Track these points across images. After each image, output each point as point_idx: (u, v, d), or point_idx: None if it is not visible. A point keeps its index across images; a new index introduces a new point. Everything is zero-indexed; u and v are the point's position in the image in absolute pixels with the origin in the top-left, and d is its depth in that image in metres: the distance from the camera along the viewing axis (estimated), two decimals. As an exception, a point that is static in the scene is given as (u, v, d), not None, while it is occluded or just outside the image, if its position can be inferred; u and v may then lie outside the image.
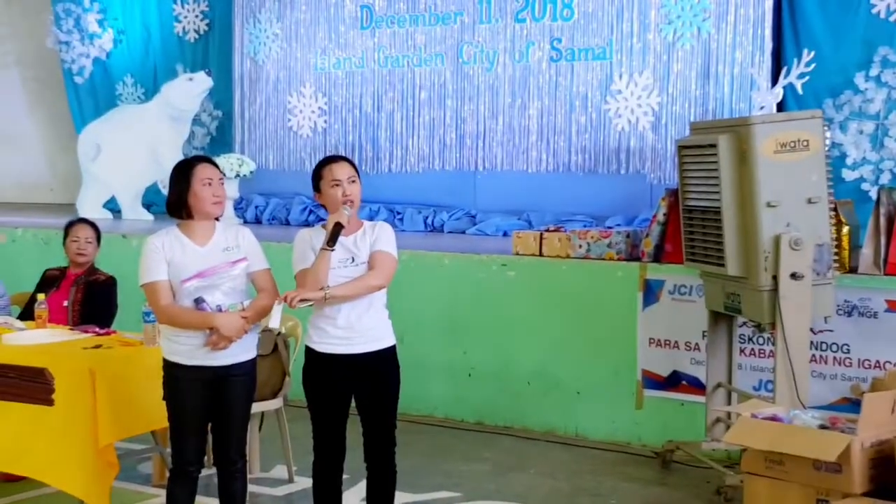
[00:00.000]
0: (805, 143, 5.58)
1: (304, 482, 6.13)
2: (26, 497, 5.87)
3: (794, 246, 5.52)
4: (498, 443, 7.14)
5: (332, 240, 4.58)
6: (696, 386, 6.71)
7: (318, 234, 4.71)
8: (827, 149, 5.80)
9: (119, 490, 5.93)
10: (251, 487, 5.91)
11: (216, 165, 4.81)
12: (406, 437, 7.11)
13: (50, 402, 5.16)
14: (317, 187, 4.79)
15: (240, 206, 10.47)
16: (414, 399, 7.61)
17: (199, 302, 4.61)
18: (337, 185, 4.71)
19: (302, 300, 4.54)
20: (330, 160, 4.82)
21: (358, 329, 4.69)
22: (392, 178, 9.85)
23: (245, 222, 10.19)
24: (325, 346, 4.70)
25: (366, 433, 4.83)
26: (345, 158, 4.85)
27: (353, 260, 4.69)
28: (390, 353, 4.80)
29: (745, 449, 4.77)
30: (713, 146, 5.75)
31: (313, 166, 4.92)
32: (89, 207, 10.48)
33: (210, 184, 4.70)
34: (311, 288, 4.58)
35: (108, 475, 5.22)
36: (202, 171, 4.71)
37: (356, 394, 4.77)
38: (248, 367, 4.76)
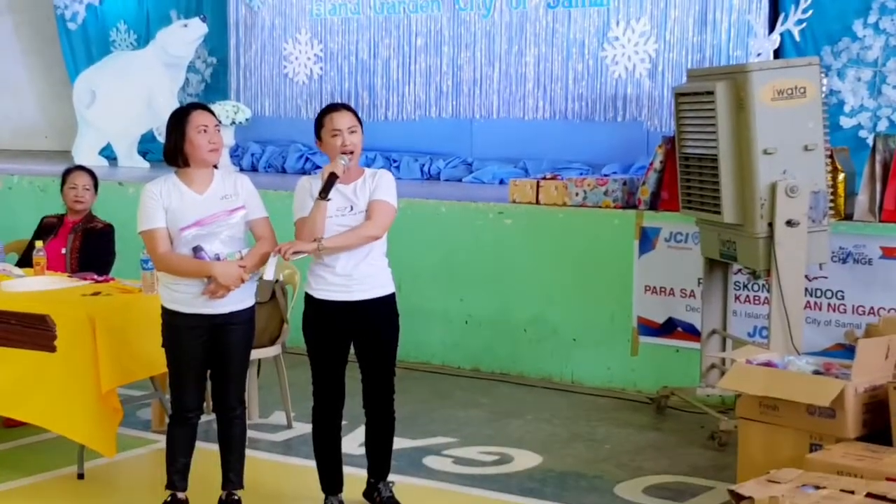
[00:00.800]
0: (802, 91, 5.58)
1: (303, 428, 6.18)
2: (28, 443, 5.91)
3: (790, 193, 5.53)
4: (495, 389, 7.19)
5: (325, 190, 4.58)
6: (691, 332, 6.76)
7: (318, 182, 4.70)
8: (824, 96, 5.80)
9: (119, 436, 5.97)
10: (250, 433, 5.95)
11: (212, 112, 4.80)
12: (404, 384, 7.12)
13: (52, 349, 5.19)
14: (318, 135, 4.78)
15: (236, 154, 10.45)
16: (411, 346, 7.64)
17: (197, 250, 4.62)
18: (337, 134, 4.70)
19: (296, 252, 4.55)
20: (331, 108, 4.80)
21: (356, 277, 4.70)
22: (388, 126, 9.81)
23: (241, 170, 10.16)
24: (323, 293, 4.72)
25: (365, 381, 4.87)
26: (347, 107, 4.82)
27: (352, 208, 4.69)
28: (389, 300, 4.82)
29: (740, 394, 4.82)
30: (710, 93, 5.75)
31: (309, 114, 4.94)
32: (85, 155, 10.44)
33: (205, 130, 4.68)
34: (306, 238, 4.59)
35: (113, 421, 5.27)
36: (197, 118, 4.69)
37: (355, 341, 4.80)
38: (246, 316, 4.79)
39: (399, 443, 5.93)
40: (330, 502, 4.89)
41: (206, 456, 5.10)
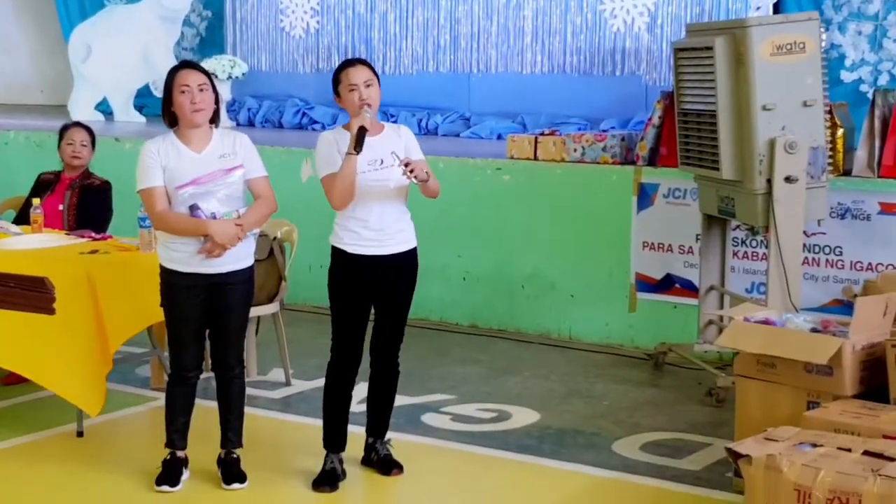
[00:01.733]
0: (801, 46, 5.54)
1: (301, 385, 6.21)
2: (27, 400, 5.91)
3: (789, 149, 5.51)
4: (493, 346, 7.20)
5: (358, 144, 4.58)
6: (689, 289, 6.76)
7: (341, 136, 4.72)
8: (823, 51, 5.76)
9: (118, 393, 6.02)
10: (249, 391, 5.97)
11: (202, 70, 4.74)
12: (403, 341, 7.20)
13: (51, 311, 5.17)
14: (336, 91, 4.79)
15: (232, 109, 10.39)
16: (409, 302, 7.65)
17: (193, 209, 4.60)
18: (354, 89, 4.70)
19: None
20: (348, 63, 4.80)
21: (389, 232, 4.76)
22: (386, 80, 9.60)
23: (238, 125, 10.13)
24: (357, 247, 4.74)
25: (377, 327, 4.91)
26: (363, 62, 4.82)
27: (382, 162, 4.71)
28: (414, 253, 4.91)
29: (738, 352, 4.82)
30: (709, 49, 5.72)
31: (305, 68, 4.93)
32: (81, 109, 10.40)
33: (186, 91, 4.63)
34: (338, 195, 4.61)
35: (102, 377, 5.28)
36: (179, 78, 4.65)
37: (380, 295, 4.83)
38: (245, 275, 4.76)
39: (397, 400, 5.91)
40: (331, 459, 4.90)
41: (206, 413, 5.11)
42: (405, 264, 4.85)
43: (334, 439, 4.92)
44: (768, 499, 3.95)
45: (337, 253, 4.79)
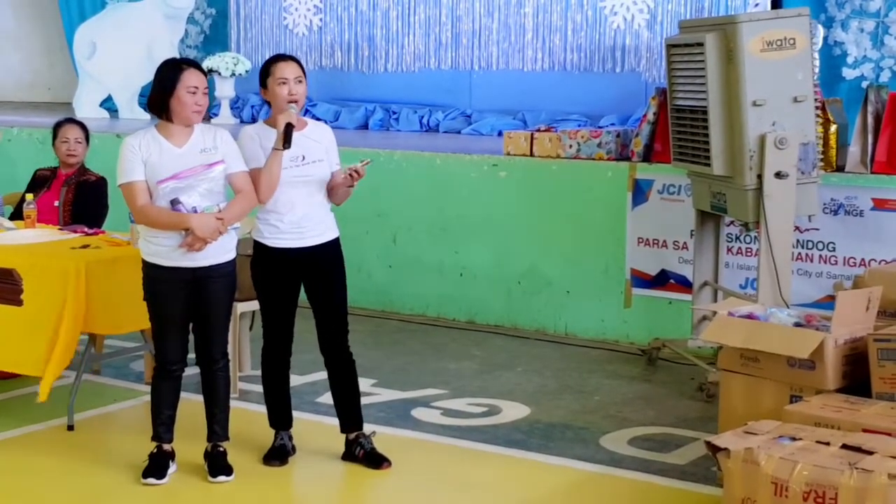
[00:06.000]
0: (791, 42, 5.53)
1: (293, 380, 6.13)
2: (18, 394, 5.94)
3: (780, 145, 5.51)
4: (489, 341, 7.21)
5: (286, 141, 4.68)
6: (684, 284, 6.75)
7: (264, 132, 4.81)
8: (815, 47, 5.76)
9: (111, 387, 6.09)
10: (242, 385, 6.03)
11: (204, 74, 4.81)
12: (398, 336, 7.23)
13: (18, 303, 5.25)
14: (263, 83, 4.87)
15: (236, 106, 10.44)
16: (406, 298, 7.68)
17: (174, 203, 4.62)
18: (283, 83, 4.79)
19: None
20: (279, 58, 4.90)
21: (308, 224, 4.85)
22: (388, 78, 9.80)
23: (241, 122, 10.17)
24: (276, 241, 4.86)
25: (319, 322, 5.00)
26: (294, 58, 4.92)
27: (304, 158, 4.81)
28: (336, 243, 4.98)
29: (722, 346, 4.82)
30: (700, 45, 5.71)
31: (309, 66, 5.03)
32: (86, 106, 10.47)
33: (195, 92, 4.69)
34: (264, 187, 4.71)
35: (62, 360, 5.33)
36: (189, 78, 4.69)
37: (306, 285, 4.95)
38: (227, 268, 4.79)
39: (388, 394, 6.00)
40: (280, 436, 5.07)
41: (194, 407, 5.13)
42: (327, 254, 4.93)
43: (279, 418, 5.09)
44: (746, 492, 3.95)
45: (258, 247, 4.91)
